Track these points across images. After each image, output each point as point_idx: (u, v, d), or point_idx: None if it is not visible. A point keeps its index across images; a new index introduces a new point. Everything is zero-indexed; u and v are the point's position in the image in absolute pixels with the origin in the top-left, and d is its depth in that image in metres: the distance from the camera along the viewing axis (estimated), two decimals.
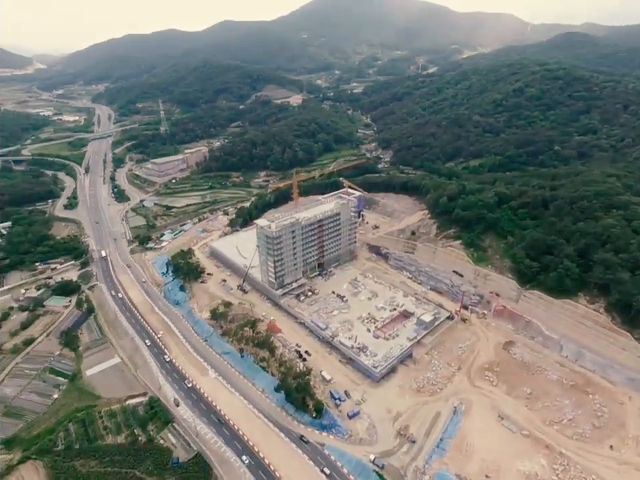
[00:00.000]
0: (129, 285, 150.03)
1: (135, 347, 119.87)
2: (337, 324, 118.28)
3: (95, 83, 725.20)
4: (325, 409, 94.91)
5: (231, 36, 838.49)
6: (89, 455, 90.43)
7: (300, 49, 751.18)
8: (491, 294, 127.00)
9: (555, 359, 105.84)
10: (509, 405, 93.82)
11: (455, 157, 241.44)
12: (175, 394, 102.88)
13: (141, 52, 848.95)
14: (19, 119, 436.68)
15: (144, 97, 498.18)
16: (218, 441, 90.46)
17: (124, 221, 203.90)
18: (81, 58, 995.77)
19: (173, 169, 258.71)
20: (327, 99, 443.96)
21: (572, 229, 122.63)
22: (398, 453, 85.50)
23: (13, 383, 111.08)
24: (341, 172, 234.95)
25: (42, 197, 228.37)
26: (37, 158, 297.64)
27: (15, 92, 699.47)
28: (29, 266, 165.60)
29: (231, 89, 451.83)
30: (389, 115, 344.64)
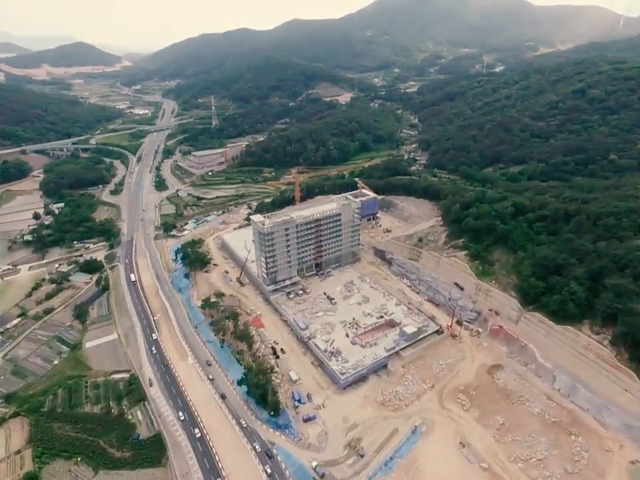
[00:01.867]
0: (144, 269, 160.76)
1: (132, 326, 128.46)
2: (317, 325, 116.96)
3: (169, 79, 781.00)
4: (283, 408, 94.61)
5: (297, 34, 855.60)
6: (66, 419, 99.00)
7: (362, 47, 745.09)
8: (489, 311, 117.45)
9: (544, 391, 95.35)
10: (476, 433, 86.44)
11: (495, 163, 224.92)
12: (152, 374, 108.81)
13: (213, 50, 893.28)
14: (97, 111, 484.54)
15: (205, 92, 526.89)
16: (176, 424, 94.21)
17: (157, 209, 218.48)
18: (161, 56, 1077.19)
19: (212, 162, 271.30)
20: (377, 97, 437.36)
21: (588, 249, 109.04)
22: (342, 465, 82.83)
23: (26, 345, 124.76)
24: (371, 173, 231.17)
25: (94, 182, 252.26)
26: (100, 147, 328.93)
27: (102, 87, 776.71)
28: (68, 244, 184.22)
29: (284, 86, 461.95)
30: (436, 116, 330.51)
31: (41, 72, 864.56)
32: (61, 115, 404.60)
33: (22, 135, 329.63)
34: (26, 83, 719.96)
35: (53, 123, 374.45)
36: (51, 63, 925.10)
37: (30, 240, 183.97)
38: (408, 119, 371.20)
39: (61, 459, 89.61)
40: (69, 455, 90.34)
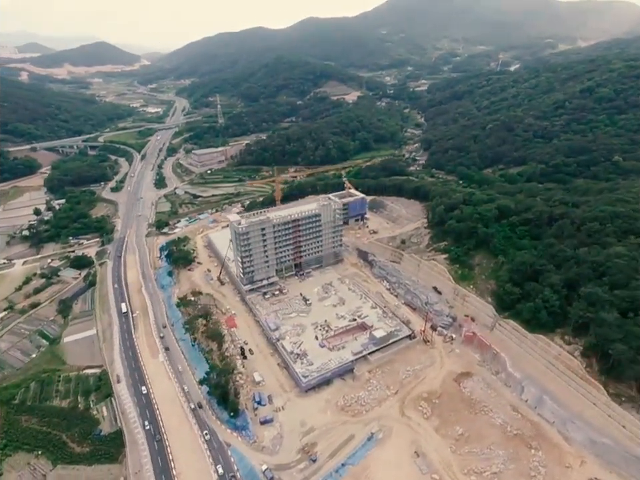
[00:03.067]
0: (131, 265, 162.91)
1: (110, 322, 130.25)
2: (289, 327, 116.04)
3: (184, 78, 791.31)
4: (243, 410, 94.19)
5: (311, 33, 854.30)
6: (34, 412, 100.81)
7: (375, 45, 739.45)
8: (465, 317, 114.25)
9: (511, 401, 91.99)
10: (432, 442, 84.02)
11: (495, 163, 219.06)
12: (121, 370, 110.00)
13: (228, 49, 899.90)
14: (110, 110, 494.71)
15: (216, 91, 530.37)
16: (137, 422, 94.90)
17: (153, 206, 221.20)
18: (178, 55, 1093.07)
19: (212, 161, 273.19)
20: (385, 96, 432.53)
21: (567, 255, 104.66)
22: (293, 469, 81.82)
23: (8, 338, 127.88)
24: (368, 172, 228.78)
25: (96, 179, 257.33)
26: (107, 144, 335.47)
27: (119, 85, 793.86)
28: (64, 239, 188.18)
29: (292, 85, 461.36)
30: (442, 115, 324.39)
31: (62, 71, 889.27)
32: (73, 113, 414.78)
33: (34, 133, 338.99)
34: (48, 82, 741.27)
35: (65, 120, 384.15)
36: (72, 62, 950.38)
37: (27, 235, 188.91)
38: (414, 118, 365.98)
39: (23, 451, 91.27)
40: (31, 448, 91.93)
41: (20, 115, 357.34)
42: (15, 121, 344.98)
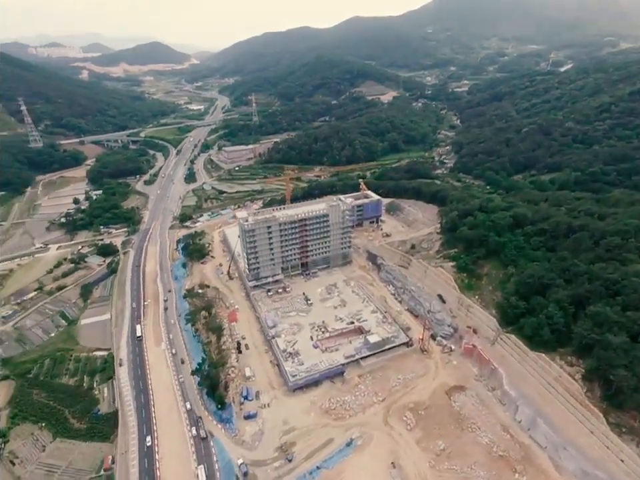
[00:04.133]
0: (151, 256, 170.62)
1: (123, 308, 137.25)
2: (286, 325, 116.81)
3: (229, 77, 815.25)
4: (230, 403, 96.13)
5: (356, 32, 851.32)
6: (44, 387, 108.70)
7: (419, 44, 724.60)
8: (468, 329, 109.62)
9: (502, 421, 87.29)
10: (412, 455, 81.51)
11: (527, 169, 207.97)
12: (125, 355, 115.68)
13: (274, 48, 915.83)
14: (156, 106, 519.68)
15: (256, 89, 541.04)
16: (131, 405, 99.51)
17: (180, 200, 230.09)
18: (225, 54, 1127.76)
19: (240, 158, 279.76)
20: (422, 97, 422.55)
21: (580, 270, 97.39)
22: (268, 466, 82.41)
23: (34, 317, 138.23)
24: (392, 174, 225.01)
25: (132, 172, 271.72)
26: (147, 139, 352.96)
27: (168, 83, 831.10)
28: (95, 228, 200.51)
29: (329, 84, 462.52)
30: (478, 117, 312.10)
31: (118, 69, 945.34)
32: (121, 109, 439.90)
33: (83, 127, 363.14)
34: (105, 79, 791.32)
35: (112, 116, 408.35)
36: (128, 61, 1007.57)
37: (64, 222, 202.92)
38: (450, 119, 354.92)
39: (29, 422, 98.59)
40: (36, 419, 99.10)
41: (73, 110, 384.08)
42: (68, 116, 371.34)
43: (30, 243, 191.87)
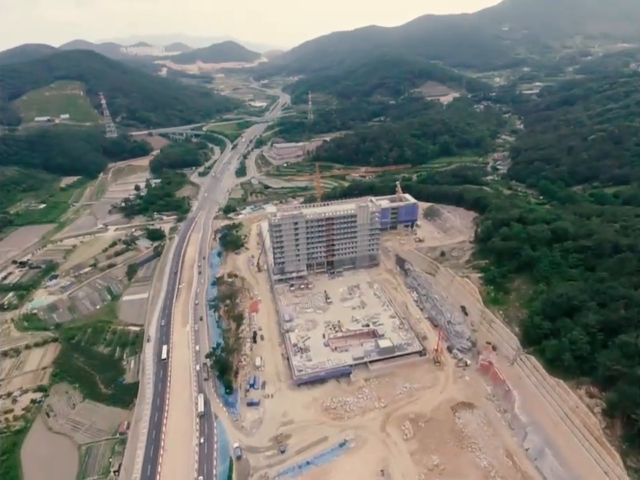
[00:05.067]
0: (193, 243, 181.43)
1: (160, 289, 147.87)
2: (302, 320, 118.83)
3: (293, 75, 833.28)
4: (236, 389, 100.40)
5: (425, 30, 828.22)
6: (83, 352, 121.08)
7: (492, 43, 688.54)
8: (487, 344, 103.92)
9: (508, 446, 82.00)
10: (403, 466, 79.54)
11: (590, 180, 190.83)
12: (153, 332, 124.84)
13: (340, 47, 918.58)
14: (221, 102, 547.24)
15: (316, 88, 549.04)
16: (150, 379, 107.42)
17: (228, 192, 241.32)
18: (293, 53, 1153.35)
19: (290, 155, 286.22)
20: (486, 99, 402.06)
21: (618, 293, 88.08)
22: (261, 454, 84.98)
23: (86, 289, 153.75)
24: (437, 178, 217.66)
25: (189, 163, 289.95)
26: (208, 133, 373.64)
27: (237, 81, 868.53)
28: (149, 213, 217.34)
29: (388, 84, 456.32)
30: (543, 121, 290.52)
31: (194, 67, 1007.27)
32: (188, 104, 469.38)
33: (153, 120, 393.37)
34: (180, 76, 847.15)
35: (180, 110, 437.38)
36: (203, 59, 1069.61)
37: (123, 207, 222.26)
38: (513, 123, 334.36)
39: (66, 382, 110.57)
40: (72, 380, 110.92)
41: (146, 105, 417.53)
42: (141, 110, 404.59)
43: (94, 223, 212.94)
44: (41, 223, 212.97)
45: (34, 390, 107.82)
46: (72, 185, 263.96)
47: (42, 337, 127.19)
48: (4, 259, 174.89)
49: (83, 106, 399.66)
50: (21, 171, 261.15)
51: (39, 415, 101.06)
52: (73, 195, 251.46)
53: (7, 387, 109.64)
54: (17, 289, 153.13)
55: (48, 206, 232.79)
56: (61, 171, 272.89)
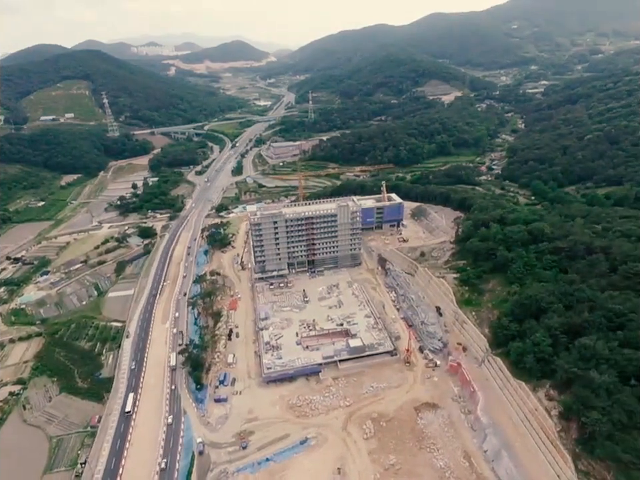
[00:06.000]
0: (182, 241, 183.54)
1: (145, 286, 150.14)
2: (277, 319, 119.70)
3: (300, 74, 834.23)
4: (207, 385, 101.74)
5: (433, 29, 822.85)
6: (65, 347, 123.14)
7: (500, 41, 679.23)
8: (458, 345, 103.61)
9: (466, 447, 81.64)
10: (360, 464, 79.82)
11: (582, 181, 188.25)
12: (133, 328, 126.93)
13: (347, 46, 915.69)
14: (225, 101, 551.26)
15: (320, 87, 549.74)
16: (125, 374, 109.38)
17: (223, 191, 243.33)
18: (301, 52, 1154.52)
19: (286, 154, 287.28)
20: (489, 98, 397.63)
21: (584, 296, 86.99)
22: (222, 450, 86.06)
23: (74, 286, 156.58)
24: (430, 178, 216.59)
25: (187, 162, 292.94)
26: (209, 132, 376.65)
27: (244, 80, 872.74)
28: (144, 211, 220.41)
29: (391, 83, 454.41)
30: (542, 121, 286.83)
31: (201, 66, 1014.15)
32: (193, 103, 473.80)
33: (156, 119, 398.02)
34: (188, 75, 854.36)
35: (183, 110, 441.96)
36: (211, 58, 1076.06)
37: (119, 205, 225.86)
38: (515, 123, 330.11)
39: (45, 375, 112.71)
40: (51, 374, 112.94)
41: (149, 104, 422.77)
42: (144, 109, 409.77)
43: (89, 220, 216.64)
44: (39, 220, 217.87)
45: (13, 383, 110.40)
46: (72, 183, 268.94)
47: (27, 331, 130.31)
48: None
49: (88, 105, 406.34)
50: (23, 169, 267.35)
51: (16, 408, 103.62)
52: (72, 193, 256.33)
53: None
54: (8, 284, 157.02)
55: (47, 204, 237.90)
56: (61, 169, 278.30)
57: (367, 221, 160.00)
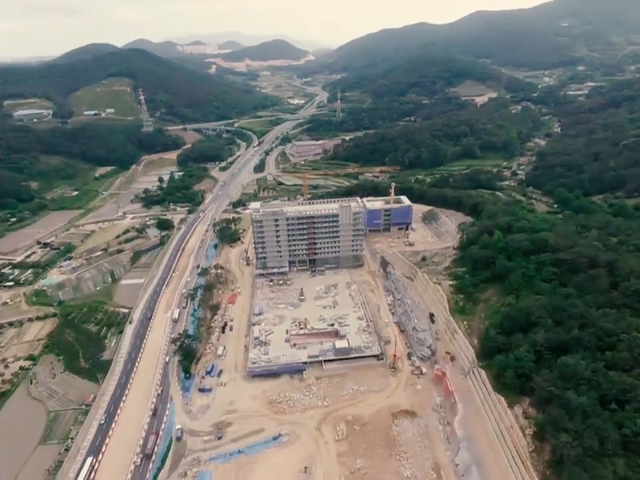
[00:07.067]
0: (196, 234, 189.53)
1: (154, 276, 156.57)
2: (271, 315, 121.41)
3: (336, 73, 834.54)
4: (195, 374, 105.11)
5: (476, 27, 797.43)
6: (75, 328, 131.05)
7: (547, 40, 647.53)
8: (446, 354, 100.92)
9: (438, 459, 79.48)
10: (326, 465, 79.67)
11: (613, 190, 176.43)
12: (137, 315, 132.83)
13: (387, 45, 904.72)
14: (260, 99, 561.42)
15: (354, 86, 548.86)
16: (122, 358, 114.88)
17: (243, 187, 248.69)
18: (340, 51, 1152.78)
19: (308, 152, 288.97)
20: (526, 99, 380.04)
21: (576, 312, 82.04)
22: (199, 438, 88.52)
23: (92, 272, 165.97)
24: (449, 182, 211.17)
25: (213, 158, 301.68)
26: (238, 130, 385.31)
27: (281, 78, 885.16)
28: (166, 204, 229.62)
29: (424, 83, 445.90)
30: (579, 125, 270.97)
31: (241, 65, 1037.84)
32: (226, 100, 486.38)
33: (189, 116, 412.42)
34: (228, 73, 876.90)
35: (217, 107, 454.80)
36: (251, 57, 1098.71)
37: (143, 197, 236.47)
38: (551, 126, 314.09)
39: (53, 353, 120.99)
40: (59, 353, 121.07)
41: (184, 101, 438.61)
42: (179, 105, 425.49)
43: (115, 211, 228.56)
44: (71, 208, 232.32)
45: (25, 358, 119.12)
46: (105, 175, 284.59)
47: (45, 311, 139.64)
48: (31, 239, 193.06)
49: (128, 101, 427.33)
50: (62, 160, 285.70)
51: (24, 381, 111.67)
52: (104, 184, 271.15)
53: (5, 353, 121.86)
54: (35, 267, 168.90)
55: (80, 193, 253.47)
56: (97, 161, 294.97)
57: (374, 223, 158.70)
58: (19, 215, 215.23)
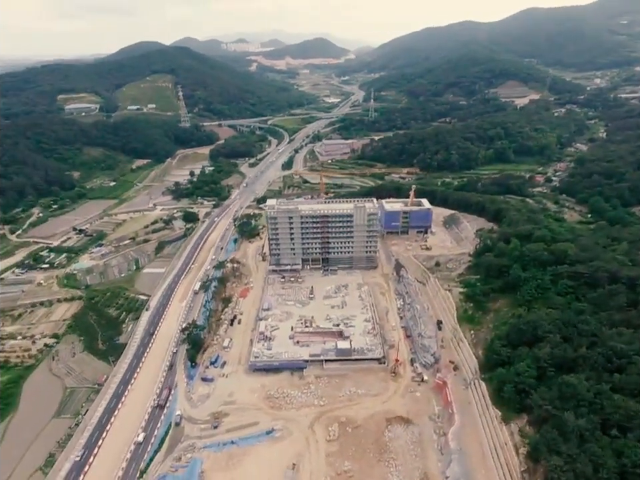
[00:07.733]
0: (219, 228, 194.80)
1: (175, 267, 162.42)
2: (278, 311, 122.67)
3: (375, 72, 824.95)
4: (199, 364, 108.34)
5: (524, 25, 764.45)
6: (97, 311, 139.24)
7: (602, 38, 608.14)
8: (450, 363, 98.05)
9: (427, 470, 77.41)
10: (315, 464, 79.78)
11: None
12: (154, 303, 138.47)
13: (429, 44, 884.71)
14: (296, 97, 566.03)
15: (391, 85, 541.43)
16: (136, 343, 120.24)
17: (269, 184, 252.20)
18: (382, 49, 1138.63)
19: (336, 151, 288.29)
20: (571, 102, 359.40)
21: (587, 329, 77.24)
22: (196, 426, 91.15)
23: (118, 259, 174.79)
24: (476, 186, 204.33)
25: (243, 154, 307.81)
26: (271, 127, 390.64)
27: (319, 77, 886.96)
28: (194, 197, 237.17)
29: (462, 84, 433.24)
30: (627, 130, 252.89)
31: (282, 62, 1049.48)
32: (262, 98, 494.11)
33: (226, 112, 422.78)
34: (269, 71, 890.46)
35: (253, 104, 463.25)
36: (292, 55, 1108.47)
37: (174, 190, 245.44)
38: (596, 131, 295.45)
39: (76, 334, 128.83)
40: (81, 333, 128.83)
41: (222, 97, 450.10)
42: (217, 102, 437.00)
43: (147, 202, 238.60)
44: (107, 198, 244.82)
45: (50, 336, 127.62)
46: (141, 167, 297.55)
47: (72, 294, 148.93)
48: (68, 226, 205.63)
49: (169, 97, 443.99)
50: (103, 152, 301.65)
51: (47, 358, 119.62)
52: (140, 176, 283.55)
53: (34, 330, 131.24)
54: (69, 252, 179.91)
55: (117, 184, 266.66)
56: (135, 153, 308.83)
57: (392, 225, 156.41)
58: (61, 203, 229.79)
